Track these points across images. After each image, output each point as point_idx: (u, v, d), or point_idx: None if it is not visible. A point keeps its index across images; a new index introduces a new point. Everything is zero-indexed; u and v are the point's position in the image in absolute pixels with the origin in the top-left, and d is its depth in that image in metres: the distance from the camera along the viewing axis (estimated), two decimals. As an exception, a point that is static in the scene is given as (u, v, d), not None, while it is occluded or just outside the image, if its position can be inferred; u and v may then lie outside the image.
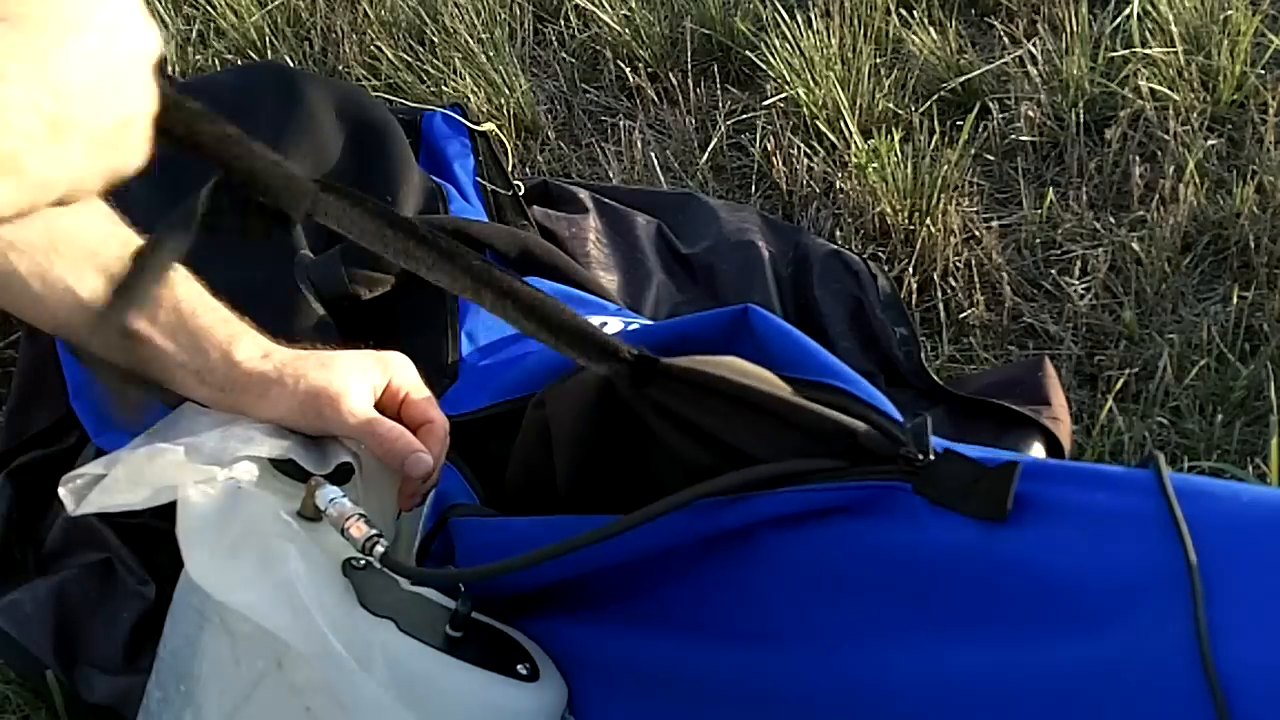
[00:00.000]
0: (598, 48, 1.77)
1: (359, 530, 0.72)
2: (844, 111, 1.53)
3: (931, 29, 1.65)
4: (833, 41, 1.62)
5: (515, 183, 1.40)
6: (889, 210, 1.42)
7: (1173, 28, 1.54)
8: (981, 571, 0.61)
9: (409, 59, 1.75)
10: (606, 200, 1.43)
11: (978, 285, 1.36)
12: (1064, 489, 0.62)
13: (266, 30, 1.83)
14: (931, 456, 0.64)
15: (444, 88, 1.69)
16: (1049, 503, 0.61)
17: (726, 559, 0.71)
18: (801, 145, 1.53)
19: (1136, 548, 0.58)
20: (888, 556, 0.64)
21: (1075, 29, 1.58)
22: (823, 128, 1.54)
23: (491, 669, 0.71)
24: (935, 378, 1.24)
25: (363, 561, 0.72)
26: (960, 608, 0.61)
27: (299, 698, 0.69)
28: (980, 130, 1.53)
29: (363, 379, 0.78)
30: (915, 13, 1.70)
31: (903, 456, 0.64)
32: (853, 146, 1.49)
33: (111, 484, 0.72)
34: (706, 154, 1.58)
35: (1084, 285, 1.34)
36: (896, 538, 0.64)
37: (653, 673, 0.73)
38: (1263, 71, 1.51)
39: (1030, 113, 1.51)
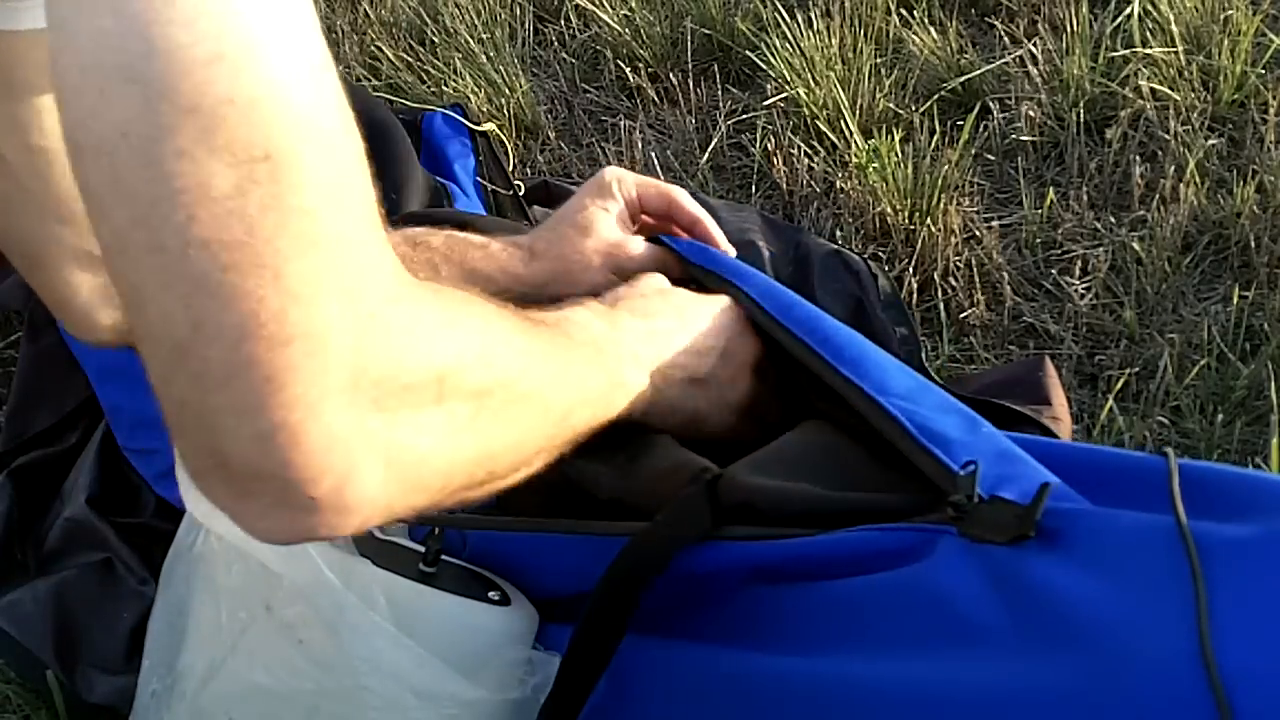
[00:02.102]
0: (598, 48, 1.77)
1: None
2: (844, 111, 1.53)
3: (932, 29, 1.65)
4: (833, 41, 1.62)
5: (516, 182, 1.40)
6: (889, 210, 1.42)
7: (1173, 28, 1.54)
8: (1003, 596, 0.63)
9: (409, 59, 1.75)
10: (607, 200, 1.43)
11: (978, 285, 1.36)
12: (1078, 485, 0.64)
13: (267, 30, 1.84)
14: (978, 500, 0.66)
15: (444, 88, 1.69)
16: (1069, 522, 0.64)
17: (763, 589, 0.72)
18: (802, 145, 1.53)
19: (1144, 551, 0.59)
20: (923, 598, 0.66)
21: (1075, 29, 1.58)
22: (823, 128, 1.54)
23: (464, 596, 0.77)
24: (936, 377, 1.24)
25: None
26: (977, 627, 0.62)
27: (290, 633, 0.73)
28: (980, 130, 1.53)
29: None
30: (915, 13, 1.70)
31: (952, 504, 0.66)
32: (853, 146, 1.49)
33: None
34: (707, 154, 1.58)
35: (1084, 285, 1.34)
36: (934, 579, 0.66)
37: (686, 679, 0.74)
38: (1263, 71, 1.51)
39: (1030, 113, 1.51)
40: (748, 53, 1.69)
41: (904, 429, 0.72)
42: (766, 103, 1.61)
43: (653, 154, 1.59)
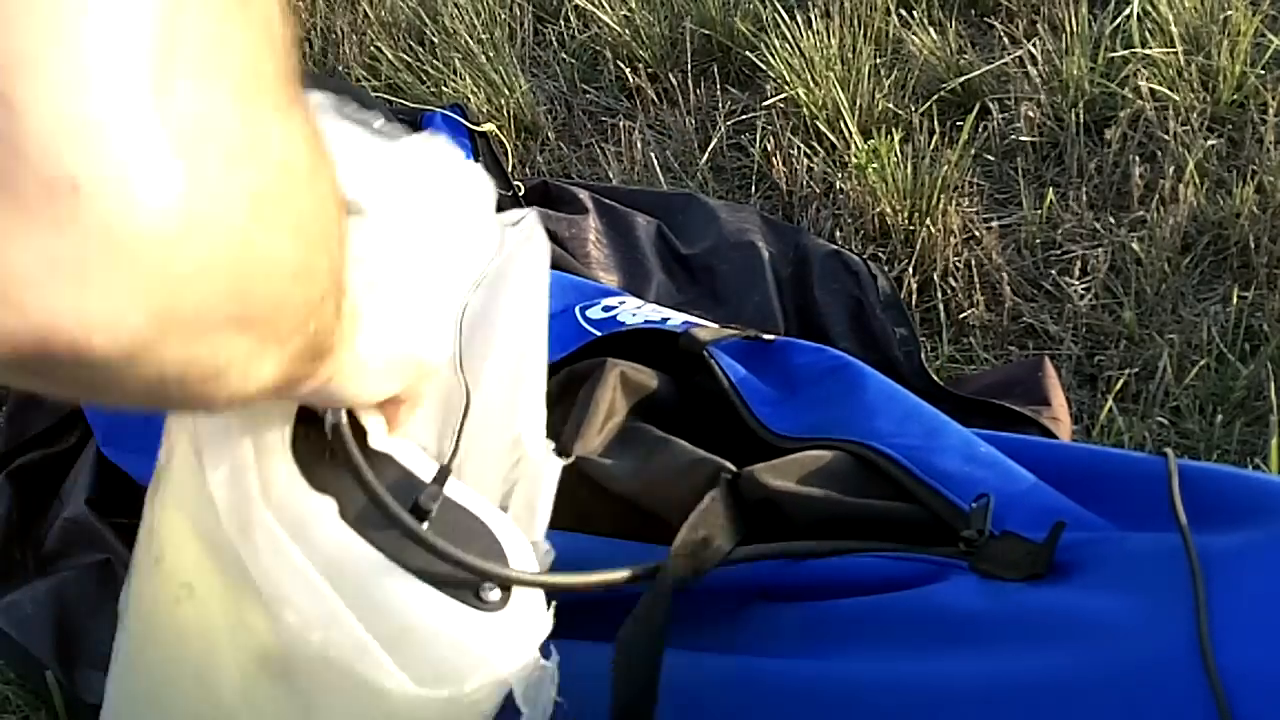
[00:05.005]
0: (598, 48, 1.77)
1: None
2: (844, 112, 1.53)
3: (931, 29, 1.65)
4: (833, 42, 1.62)
5: (515, 183, 1.40)
6: (889, 210, 1.43)
7: (1173, 28, 1.54)
8: (1006, 603, 0.63)
9: (409, 59, 1.75)
10: (606, 200, 1.43)
11: (978, 285, 1.36)
12: (1080, 487, 0.65)
13: (266, 30, 1.83)
14: (990, 536, 0.66)
15: (444, 88, 1.69)
16: (1080, 555, 0.64)
17: (771, 605, 0.73)
18: (801, 145, 1.53)
19: (1147, 562, 0.59)
20: (926, 604, 0.66)
21: (1075, 29, 1.58)
22: (823, 128, 1.54)
23: (446, 585, 0.55)
24: (935, 378, 1.24)
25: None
26: (978, 627, 0.63)
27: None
28: (980, 130, 1.53)
29: None
30: (915, 13, 1.70)
31: (964, 539, 0.66)
32: (853, 147, 1.49)
33: None
34: (706, 154, 1.58)
35: (1084, 285, 1.34)
36: (941, 592, 0.66)
37: (693, 683, 0.74)
38: (1263, 71, 1.51)
39: (1030, 113, 1.51)
40: (747, 53, 1.69)
41: (906, 469, 0.73)
42: (766, 103, 1.61)
43: (652, 154, 1.59)
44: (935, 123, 1.55)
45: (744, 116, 1.63)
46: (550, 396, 0.90)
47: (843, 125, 1.53)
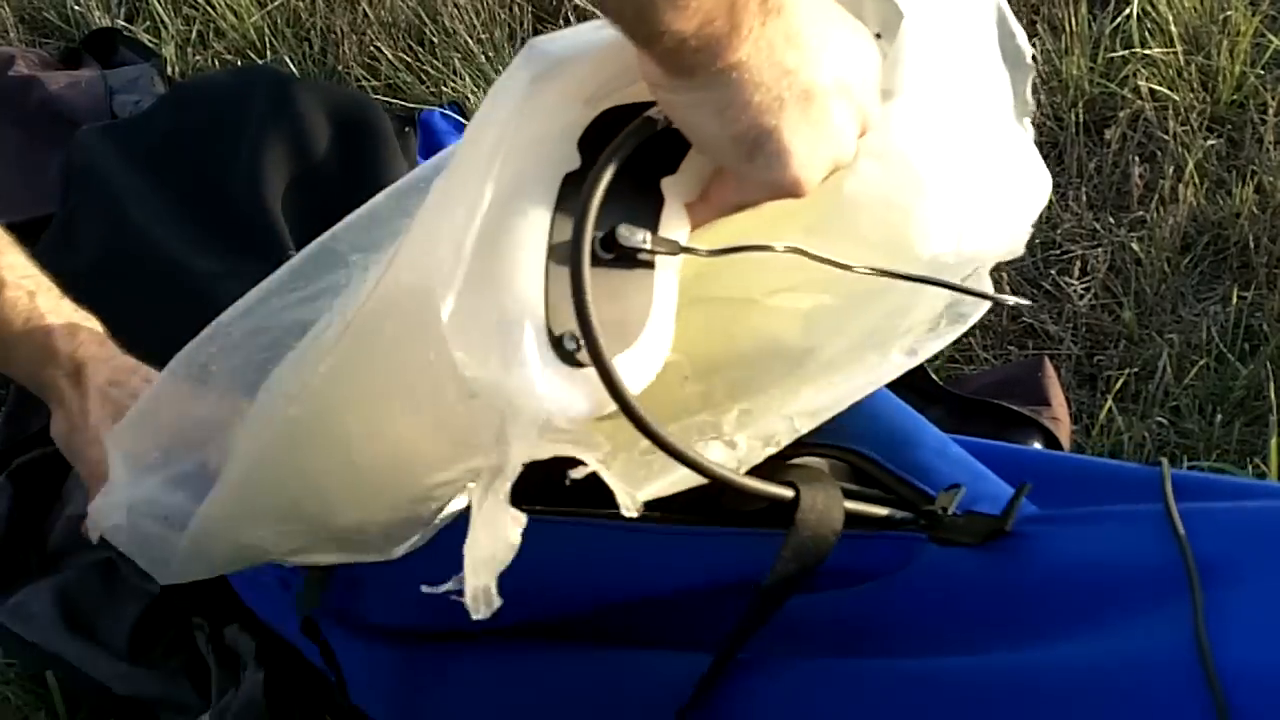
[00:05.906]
0: (597, 48, 1.77)
1: None
2: (844, 112, 1.53)
3: (931, 29, 1.65)
4: (832, 42, 1.62)
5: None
6: (889, 210, 1.43)
7: (1172, 28, 1.54)
8: (990, 587, 0.63)
9: (408, 59, 1.75)
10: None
11: (977, 285, 1.36)
12: (1072, 497, 0.65)
13: (266, 31, 1.83)
14: (954, 515, 0.66)
15: (443, 88, 1.69)
16: (1056, 511, 0.63)
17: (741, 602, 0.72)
18: (801, 145, 1.53)
19: (1138, 550, 0.59)
20: (909, 600, 0.66)
21: (1075, 29, 1.58)
22: (822, 128, 1.54)
23: (552, 304, 0.48)
24: (935, 378, 1.24)
25: None
26: (966, 622, 0.63)
27: None
28: (980, 130, 1.53)
29: None
30: (915, 13, 1.70)
31: (924, 514, 0.66)
32: (852, 147, 1.49)
33: None
34: (706, 154, 1.58)
35: (1084, 285, 1.35)
36: (918, 584, 0.66)
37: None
38: (1262, 72, 1.51)
39: (1030, 113, 1.51)
40: (747, 53, 1.69)
41: (873, 460, 0.73)
42: (766, 103, 1.61)
43: (652, 154, 1.59)
44: (935, 123, 1.54)
45: (744, 116, 1.63)
46: None
47: (842, 125, 1.53)
